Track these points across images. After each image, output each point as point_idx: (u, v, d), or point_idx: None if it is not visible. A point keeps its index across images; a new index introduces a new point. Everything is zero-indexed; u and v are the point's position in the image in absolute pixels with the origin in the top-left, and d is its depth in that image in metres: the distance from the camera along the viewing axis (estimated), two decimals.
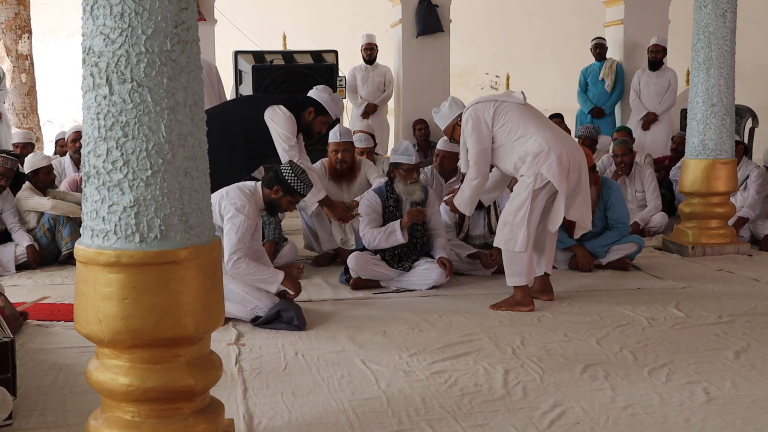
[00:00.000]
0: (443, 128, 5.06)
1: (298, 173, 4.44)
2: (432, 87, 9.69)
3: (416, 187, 5.20)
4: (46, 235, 6.13)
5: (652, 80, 9.21)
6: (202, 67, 2.44)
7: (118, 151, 2.30)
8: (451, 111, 5.00)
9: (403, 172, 5.21)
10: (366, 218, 5.24)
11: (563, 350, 3.87)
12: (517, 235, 4.58)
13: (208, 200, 2.49)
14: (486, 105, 4.80)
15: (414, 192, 5.20)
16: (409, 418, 3.04)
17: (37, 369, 3.62)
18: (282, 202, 4.48)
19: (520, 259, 4.61)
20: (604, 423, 2.98)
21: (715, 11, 6.23)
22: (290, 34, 10.64)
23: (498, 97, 4.92)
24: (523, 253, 4.59)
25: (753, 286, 5.32)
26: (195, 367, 2.45)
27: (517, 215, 4.59)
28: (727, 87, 6.34)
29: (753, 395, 3.26)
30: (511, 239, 4.60)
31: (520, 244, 4.57)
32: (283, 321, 4.26)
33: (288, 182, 4.44)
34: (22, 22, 10.23)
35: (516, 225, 4.58)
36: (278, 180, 4.45)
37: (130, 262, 2.31)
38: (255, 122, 5.49)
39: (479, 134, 4.72)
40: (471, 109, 4.80)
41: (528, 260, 4.63)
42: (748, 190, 6.92)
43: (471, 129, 4.72)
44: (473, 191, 4.87)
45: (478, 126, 4.72)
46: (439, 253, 5.22)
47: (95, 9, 2.28)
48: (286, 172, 4.45)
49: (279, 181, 4.45)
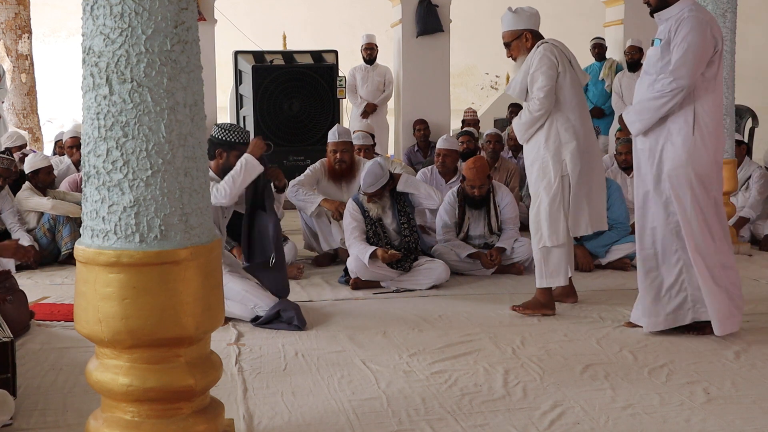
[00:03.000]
0: (505, 30, 4.56)
1: (225, 128, 4.63)
2: (432, 87, 9.69)
3: (372, 206, 5.33)
4: (46, 235, 6.13)
5: (632, 82, 9.20)
6: (202, 67, 2.44)
7: (118, 151, 2.30)
8: (521, 19, 4.54)
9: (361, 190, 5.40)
10: (349, 228, 5.28)
11: (563, 350, 3.87)
12: (557, 228, 4.42)
13: (208, 200, 2.49)
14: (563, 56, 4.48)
15: (370, 210, 5.34)
16: (409, 418, 3.04)
17: (37, 369, 3.62)
18: (231, 160, 4.58)
19: (555, 255, 4.47)
20: (604, 423, 2.98)
21: (715, 11, 6.22)
22: (290, 34, 10.65)
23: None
24: (559, 248, 4.45)
25: (753, 286, 5.31)
26: (195, 367, 2.45)
27: (552, 205, 4.42)
28: (727, 87, 6.33)
29: (753, 395, 3.26)
30: (553, 233, 4.42)
31: (562, 235, 4.42)
32: (283, 321, 4.26)
33: (224, 140, 4.60)
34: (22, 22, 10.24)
35: (552, 216, 4.42)
36: (215, 144, 4.59)
37: (130, 262, 2.31)
38: None
39: (553, 73, 4.39)
40: (552, 44, 4.44)
41: (567, 255, 4.50)
42: (749, 190, 6.92)
43: (547, 62, 4.38)
44: (532, 123, 4.45)
45: (552, 65, 4.39)
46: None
47: (95, 9, 2.28)
48: (216, 132, 4.60)
49: (216, 145, 4.59)
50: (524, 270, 5.62)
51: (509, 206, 5.68)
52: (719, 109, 4.07)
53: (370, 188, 5.23)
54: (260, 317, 4.31)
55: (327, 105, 8.61)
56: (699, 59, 3.91)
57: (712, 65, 3.97)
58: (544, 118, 4.44)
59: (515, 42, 4.55)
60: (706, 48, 3.92)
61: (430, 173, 6.36)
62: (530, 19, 4.55)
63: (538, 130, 4.47)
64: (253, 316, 4.33)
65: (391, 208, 5.37)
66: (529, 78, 4.44)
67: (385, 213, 5.36)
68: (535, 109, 4.42)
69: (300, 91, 8.50)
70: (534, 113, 4.43)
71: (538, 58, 4.41)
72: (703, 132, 3.95)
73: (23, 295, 4.26)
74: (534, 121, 4.45)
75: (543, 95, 4.38)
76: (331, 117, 8.56)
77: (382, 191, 5.28)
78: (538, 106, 4.41)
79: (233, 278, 4.36)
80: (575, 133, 4.45)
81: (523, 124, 4.50)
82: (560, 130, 4.44)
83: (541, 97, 4.39)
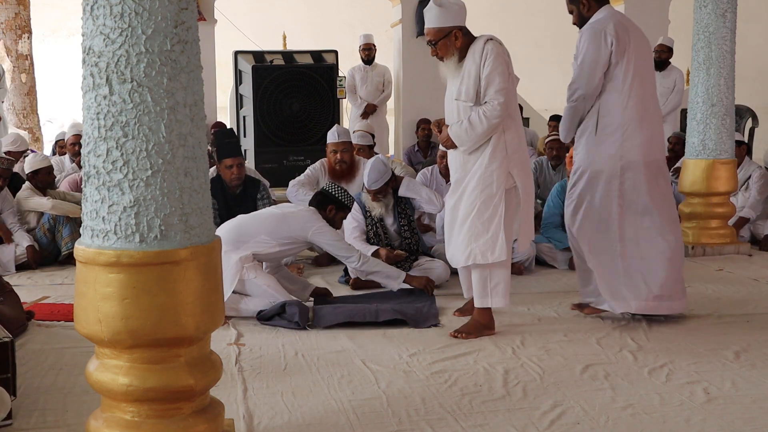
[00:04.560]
0: (431, 27, 4.07)
1: (340, 191, 4.82)
2: (432, 87, 9.62)
3: (374, 205, 5.35)
4: (46, 235, 6.13)
5: (657, 80, 9.18)
6: (202, 67, 2.44)
7: (118, 151, 2.30)
8: (450, 15, 4.03)
9: (364, 188, 5.39)
10: (350, 228, 5.30)
11: (563, 350, 3.87)
12: (495, 243, 4.04)
13: (208, 200, 2.49)
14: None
15: (373, 209, 5.36)
16: (409, 418, 3.04)
17: (37, 369, 3.62)
18: (336, 219, 4.80)
19: (498, 273, 4.10)
20: (604, 423, 2.98)
21: (715, 11, 6.23)
22: (290, 34, 10.64)
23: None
24: (500, 265, 4.09)
25: (753, 286, 5.31)
26: (195, 367, 2.45)
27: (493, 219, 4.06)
28: (727, 87, 6.34)
29: (753, 395, 3.26)
30: (489, 249, 4.04)
31: (502, 251, 4.05)
32: (285, 316, 4.27)
33: (340, 200, 4.80)
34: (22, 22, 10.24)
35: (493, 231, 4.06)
36: (330, 200, 4.80)
37: (130, 262, 2.31)
38: None
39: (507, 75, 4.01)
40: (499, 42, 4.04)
41: (508, 273, 4.17)
42: (749, 190, 6.93)
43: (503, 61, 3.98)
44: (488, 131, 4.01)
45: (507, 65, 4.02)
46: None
47: (95, 9, 2.28)
48: (335, 191, 4.82)
49: (331, 201, 4.79)
50: (524, 270, 5.63)
51: None
52: (635, 104, 4.23)
53: (376, 184, 5.25)
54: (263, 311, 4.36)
55: (327, 105, 8.61)
56: (592, 68, 4.19)
57: (616, 66, 4.20)
58: (500, 125, 3.99)
59: (443, 41, 4.03)
60: (599, 56, 4.18)
61: (431, 173, 6.36)
62: (459, 14, 4.05)
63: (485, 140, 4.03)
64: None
65: (393, 209, 5.38)
66: (483, 80, 3.97)
67: (387, 213, 5.36)
68: (494, 115, 3.94)
69: (300, 91, 8.50)
70: (492, 120, 3.95)
71: (492, 57, 3.94)
72: (603, 131, 4.24)
73: (15, 294, 4.25)
74: (492, 128, 3.97)
75: (503, 99, 3.94)
76: (331, 117, 8.56)
77: (386, 188, 5.31)
78: (498, 111, 3.94)
79: (260, 273, 4.52)
80: (521, 143, 4.12)
81: (477, 134, 3.98)
82: (508, 139, 4.03)
83: (501, 101, 3.94)
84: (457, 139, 4.06)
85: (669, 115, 9.20)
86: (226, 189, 5.90)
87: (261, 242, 4.58)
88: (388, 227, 5.39)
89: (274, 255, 4.69)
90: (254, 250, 4.54)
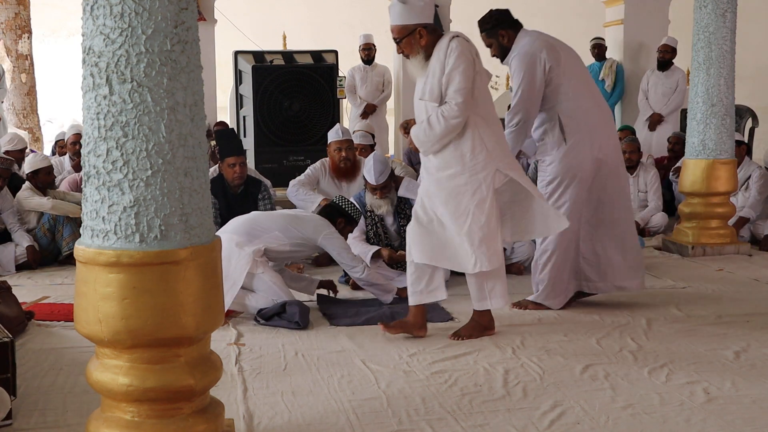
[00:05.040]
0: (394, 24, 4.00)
1: (349, 205, 4.90)
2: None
3: (381, 203, 5.35)
4: (46, 235, 6.13)
5: (660, 81, 9.20)
6: (202, 67, 2.44)
7: (118, 151, 2.30)
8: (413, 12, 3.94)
9: (369, 186, 5.39)
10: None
11: (563, 350, 3.87)
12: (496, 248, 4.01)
13: (208, 200, 2.49)
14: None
15: (379, 207, 5.37)
16: (409, 418, 3.04)
17: (37, 369, 3.62)
18: (344, 232, 4.84)
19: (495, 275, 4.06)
20: (604, 423, 2.98)
21: (715, 11, 6.23)
22: (290, 34, 10.64)
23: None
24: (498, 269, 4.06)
25: (753, 286, 5.31)
26: (195, 367, 2.45)
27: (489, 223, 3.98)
28: (727, 87, 6.33)
29: (753, 395, 3.26)
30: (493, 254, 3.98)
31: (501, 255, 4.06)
32: (285, 316, 4.28)
33: (350, 214, 4.88)
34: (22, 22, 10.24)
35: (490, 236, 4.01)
36: (340, 213, 4.86)
37: (130, 262, 2.31)
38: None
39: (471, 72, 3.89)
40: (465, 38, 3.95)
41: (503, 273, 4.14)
42: (749, 190, 6.93)
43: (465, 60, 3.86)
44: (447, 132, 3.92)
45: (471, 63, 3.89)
46: None
47: (95, 9, 2.28)
48: (345, 205, 4.89)
49: (341, 214, 4.86)
50: (524, 270, 5.62)
51: None
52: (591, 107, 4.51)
53: (382, 176, 5.31)
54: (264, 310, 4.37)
55: (327, 105, 8.61)
56: (530, 95, 4.39)
57: (561, 84, 4.40)
58: (462, 125, 3.87)
59: (407, 38, 3.93)
60: (536, 82, 4.38)
61: None
62: (424, 11, 3.93)
63: (459, 140, 3.91)
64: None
65: (393, 209, 5.39)
66: (444, 78, 3.86)
67: (388, 212, 5.37)
68: (453, 116, 3.83)
69: (300, 91, 8.49)
70: (451, 120, 3.84)
71: (455, 55, 3.82)
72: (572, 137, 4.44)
73: (11, 294, 4.25)
74: (450, 129, 3.86)
75: (462, 99, 3.82)
76: (331, 117, 8.56)
77: (390, 182, 5.35)
78: (456, 112, 3.83)
79: (268, 269, 4.53)
80: (499, 140, 4.00)
81: (435, 135, 3.89)
82: (485, 137, 3.91)
83: (460, 101, 3.82)
84: (417, 140, 4.00)
85: (670, 115, 9.21)
86: (227, 188, 5.90)
87: (274, 238, 4.60)
88: (388, 227, 5.40)
89: (284, 254, 4.72)
90: (267, 244, 4.56)
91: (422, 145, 3.99)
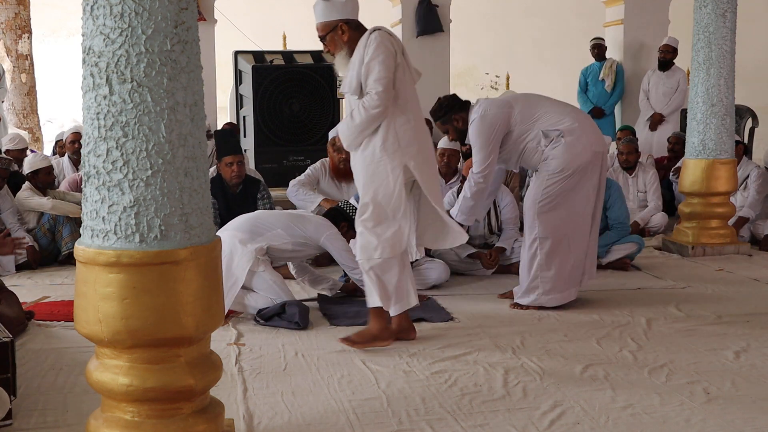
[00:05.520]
0: (318, 22, 3.96)
1: (354, 210, 4.84)
2: (432, 87, 9.65)
3: None
4: (46, 235, 6.13)
5: (661, 81, 9.20)
6: (202, 67, 2.44)
7: (118, 151, 2.30)
8: (334, 9, 3.90)
9: None
10: None
11: (563, 350, 3.87)
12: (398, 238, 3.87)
13: (208, 200, 2.49)
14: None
15: None
16: (409, 418, 3.04)
17: (37, 369, 3.62)
18: (347, 236, 4.83)
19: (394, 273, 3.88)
20: (604, 423, 2.98)
21: (715, 11, 6.23)
22: (290, 34, 10.63)
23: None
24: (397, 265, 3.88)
25: (753, 286, 5.32)
26: (195, 367, 2.45)
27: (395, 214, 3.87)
28: (727, 87, 6.34)
29: (753, 395, 3.26)
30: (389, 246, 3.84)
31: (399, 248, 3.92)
32: (285, 316, 4.28)
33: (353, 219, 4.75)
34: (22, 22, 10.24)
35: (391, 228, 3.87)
36: (344, 218, 4.89)
37: (130, 262, 2.31)
38: None
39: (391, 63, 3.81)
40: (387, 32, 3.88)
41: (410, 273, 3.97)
42: (748, 189, 6.93)
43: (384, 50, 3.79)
44: (368, 123, 3.82)
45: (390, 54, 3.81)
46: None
47: (95, 9, 2.28)
48: (349, 210, 4.92)
49: (345, 219, 4.88)
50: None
51: (509, 207, 5.68)
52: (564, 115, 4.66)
53: None
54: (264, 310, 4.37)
55: (327, 105, 8.61)
56: (490, 155, 4.62)
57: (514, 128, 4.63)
58: (384, 115, 3.78)
59: (330, 35, 3.90)
60: (495, 142, 4.61)
61: None
62: (346, 7, 3.90)
63: (373, 133, 3.82)
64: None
65: None
66: (363, 69, 3.77)
67: None
68: (373, 105, 3.74)
69: (300, 91, 8.49)
70: (371, 110, 3.74)
71: (373, 47, 3.75)
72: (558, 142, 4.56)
73: (13, 294, 4.25)
74: (371, 120, 3.77)
75: (381, 88, 3.72)
76: (331, 117, 8.56)
77: None
78: (377, 102, 3.73)
79: (269, 268, 4.54)
80: (416, 135, 3.87)
81: (356, 126, 3.80)
82: (399, 131, 3.81)
83: (380, 90, 3.72)
84: (342, 136, 3.93)
85: (671, 115, 9.21)
86: (226, 188, 5.90)
87: (277, 236, 4.60)
88: None
89: (286, 254, 4.71)
90: (269, 242, 4.56)
91: (346, 140, 3.90)
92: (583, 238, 4.64)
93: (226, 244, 4.16)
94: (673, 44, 9.16)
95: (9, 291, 4.25)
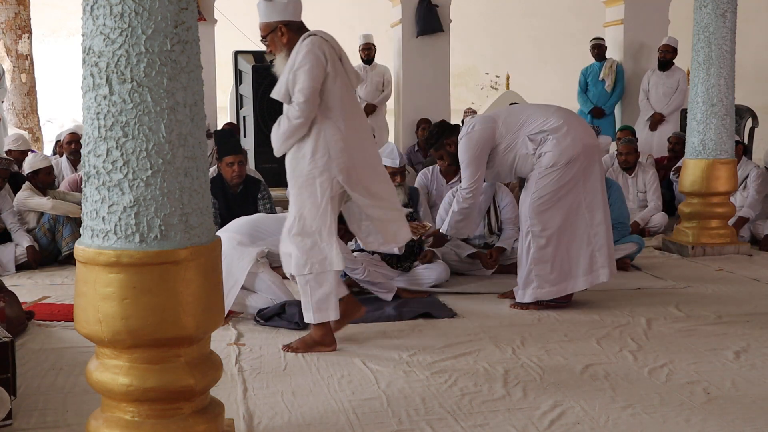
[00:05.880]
0: (260, 22, 3.86)
1: None
2: (432, 87, 9.69)
3: (398, 191, 5.31)
4: (46, 235, 6.13)
5: (661, 81, 9.20)
6: (202, 67, 2.44)
7: (118, 151, 2.30)
8: (275, 10, 3.82)
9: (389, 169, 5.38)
10: None
11: (563, 350, 3.87)
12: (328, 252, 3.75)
13: (208, 200, 2.49)
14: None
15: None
16: (409, 418, 3.04)
17: (37, 369, 3.62)
18: (346, 237, 4.80)
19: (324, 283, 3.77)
20: (604, 423, 2.98)
21: (715, 11, 6.23)
22: None
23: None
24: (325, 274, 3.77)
25: (753, 286, 5.32)
26: (195, 367, 2.45)
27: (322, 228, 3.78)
28: (727, 87, 6.34)
29: (753, 395, 3.26)
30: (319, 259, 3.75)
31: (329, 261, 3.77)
32: (285, 316, 4.28)
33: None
34: (22, 22, 10.24)
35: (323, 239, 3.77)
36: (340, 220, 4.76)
37: (130, 262, 2.31)
38: None
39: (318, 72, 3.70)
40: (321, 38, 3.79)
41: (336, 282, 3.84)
42: (747, 189, 6.94)
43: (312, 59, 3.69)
44: (290, 133, 3.76)
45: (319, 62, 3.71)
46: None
47: (95, 9, 2.28)
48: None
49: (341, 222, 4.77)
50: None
51: (509, 207, 5.68)
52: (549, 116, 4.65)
53: (402, 160, 5.47)
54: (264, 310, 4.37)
55: None
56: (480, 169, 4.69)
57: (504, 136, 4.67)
58: (306, 127, 3.69)
59: (270, 36, 3.82)
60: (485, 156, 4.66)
61: (431, 173, 6.36)
62: (287, 8, 3.81)
63: (302, 141, 3.72)
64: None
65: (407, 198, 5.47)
66: (291, 76, 3.70)
67: (403, 202, 5.36)
68: (294, 116, 3.66)
69: None
70: (293, 120, 3.67)
71: (302, 54, 3.67)
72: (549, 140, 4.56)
73: (13, 294, 4.26)
74: (293, 130, 3.69)
75: (303, 99, 3.64)
76: None
77: (404, 169, 5.48)
78: (297, 112, 3.65)
79: (268, 269, 4.55)
80: (347, 146, 3.72)
81: (281, 135, 3.73)
82: (330, 142, 3.69)
83: (301, 101, 3.64)
84: (272, 141, 3.84)
85: (671, 115, 9.21)
86: (227, 189, 5.90)
87: (277, 242, 4.59)
88: None
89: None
90: (269, 247, 4.56)
91: (274, 146, 3.83)
92: (580, 231, 4.61)
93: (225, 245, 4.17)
94: (673, 44, 9.16)
95: (9, 291, 4.25)
